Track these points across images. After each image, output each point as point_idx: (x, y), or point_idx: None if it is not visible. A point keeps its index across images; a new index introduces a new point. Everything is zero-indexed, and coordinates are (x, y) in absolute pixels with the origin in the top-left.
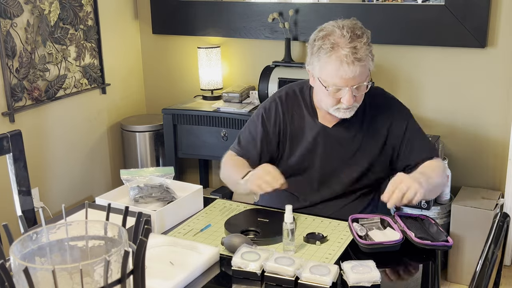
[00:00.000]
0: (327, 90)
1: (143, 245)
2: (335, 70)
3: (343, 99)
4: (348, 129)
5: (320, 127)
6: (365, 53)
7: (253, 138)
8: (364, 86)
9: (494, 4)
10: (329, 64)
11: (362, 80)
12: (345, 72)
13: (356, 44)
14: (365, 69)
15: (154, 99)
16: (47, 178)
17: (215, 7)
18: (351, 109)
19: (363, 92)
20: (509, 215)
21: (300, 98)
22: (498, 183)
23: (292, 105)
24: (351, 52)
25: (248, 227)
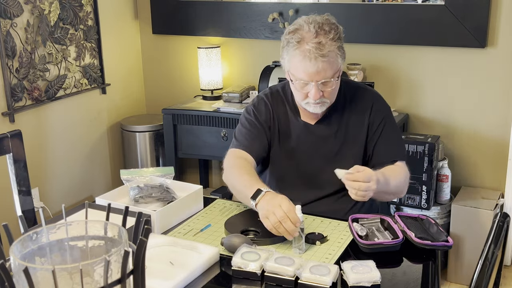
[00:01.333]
0: (294, 83)
1: (143, 245)
2: (300, 64)
3: (310, 93)
4: (330, 126)
5: (302, 125)
6: (330, 49)
7: (250, 132)
8: (331, 82)
9: (494, 4)
10: (295, 58)
11: (327, 76)
12: (308, 67)
13: (321, 40)
14: (331, 65)
15: (154, 99)
16: (47, 178)
17: (215, 7)
18: (321, 104)
19: (330, 89)
20: (509, 215)
21: (283, 96)
22: (498, 183)
23: (277, 103)
24: (315, 48)
25: (248, 227)
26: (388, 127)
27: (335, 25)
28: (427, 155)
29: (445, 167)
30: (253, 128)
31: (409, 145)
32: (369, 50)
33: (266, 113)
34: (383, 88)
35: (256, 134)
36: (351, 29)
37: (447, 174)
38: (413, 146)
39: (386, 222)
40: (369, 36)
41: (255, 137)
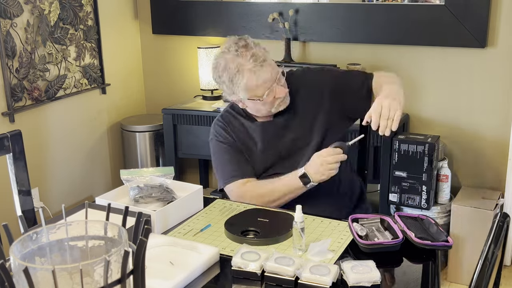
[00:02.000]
0: (262, 100)
1: (143, 245)
2: (256, 83)
3: (277, 94)
4: (284, 114)
5: (260, 125)
6: (262, 53)
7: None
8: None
9: (494, 4)
10: (249, 82)
11: (276, 72)
12: (262, 78)
13: (252, 52)
14: (272, 64)
15: (154, 99)
16: (47, 178)
17: (215, 7)
18: (286, 96)
19: (283, 80)
20: (509, 215)
21: (233, 112)
22: (498, 183)
23: (230, 121)
24: (253, 61)
25: (248, 227)
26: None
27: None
28: (427, 155)
29: (445, 167)
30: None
31: (409, 145)
32: (369, 50)
33: (226, 134)
34: None
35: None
36: (351, 29)
37: (447, 174)
38: (413, 146)
39: (386, 222)
40: (369, 36)
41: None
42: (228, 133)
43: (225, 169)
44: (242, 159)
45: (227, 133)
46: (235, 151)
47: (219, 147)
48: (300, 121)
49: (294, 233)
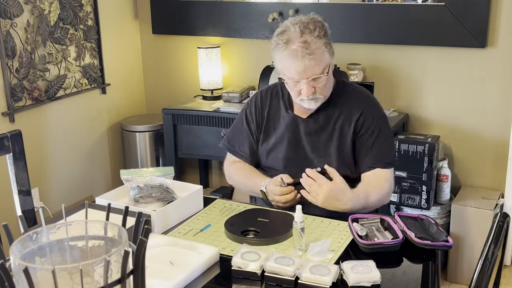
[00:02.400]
0: (287, 83)
1: (143, 245)
2: (289, 64)
3: (302, 90)
4: (317, 122)
5: (292, 117)
6: (316, 46)
7: (240, 135)
8: (321, 78)
9: (494, 4)
10: (284, 59)
11: (316, 73)
12: (296, 66)
13: (307, 38)
14: (318, 62)
15: (154, 99)
16: (47, 178)
17: (215, 7)
18: (316, 100)
19: (321, 84)
20: (509, 215)
21: (279, 91)
22: (498, 183)
23: (270, 98)
24: (301, 47)
25: (248, 227)
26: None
27: (320, 23)
28: (427, 155)
29: (445, 167)
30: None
31: (409, 145)
32: (369, 50)
33: (256, 108)
34: (383, 88)
35: (245, 135)
36: (351, 29)
37: (447, 174)
38: (413, 146)
39: (386, 222)
40: (369, 36)
41: (245, 138)
42: (258, 109)
43: (233, 136)
44: (249, 139)
45: (256, 111)
46: (249, 129)
47: (242, 116)
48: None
49: (294, 233)
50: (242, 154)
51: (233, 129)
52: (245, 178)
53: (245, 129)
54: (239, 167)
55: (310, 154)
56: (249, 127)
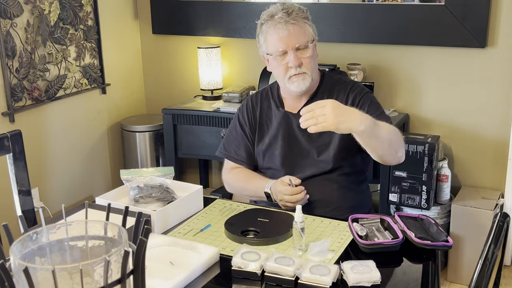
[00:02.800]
0: (274, 59)
1: (143, 245)
2: (273, 33)
3: (289, 62)
4: None
5: (283, 114)
6: (298, 16)
7: (235, 140)
8: (308, 48)
9: (494, 4)
10: (269, 32)
11: (301, 41)
12: (280, 32)
13: (288, 9)
14: (302, 30)
15: (154, 99)
16: (47, 178)
17: (215, 7)
18: (303, 77)
19: (308, 55)
20: (509, 215)
21: (269, 92)
22: (498, 183)
23: (261, 99)
24: (283, 15)
25: (248, 227)
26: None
27: (300, 6)
28: (427, 155)
29: (445, 167)
30: (238, 133)
31: (409, 145)
32: (369, 50)
33: (248, 111)
34: (383, 88)
35: (241, 139)
36: (351, 29)
37: (447, 174)
38: (413, 146)
39: (386, 222)
40: (369, 36)
41: (240, 142)
42: (249, 114)
43: (228, 142)
44: (244, 143)
45: (248, 114)
46: (243, 133)
47: (235, 122)
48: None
49: (294, 233)
50: (239, 159)
51: (228, 136)
52: (245, 182)
53: (239, 133)
54: (238, 172)
55: (306, 146)
56: (243, 130)
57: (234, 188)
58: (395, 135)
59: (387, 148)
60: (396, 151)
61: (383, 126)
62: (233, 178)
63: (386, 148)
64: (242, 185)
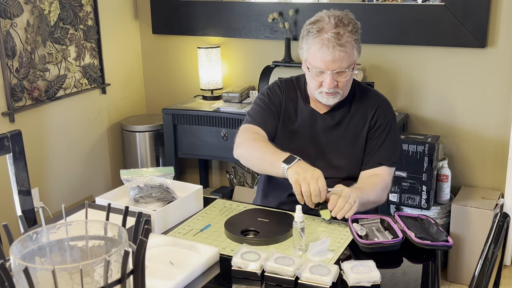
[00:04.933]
0: (310, 71)
1: (143, 245)
2: (318, 52)
3: (324, 82)
4: (334, 118)
5: (310, 111)
6: (347, 40)
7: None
8: (346, 73)
9: (494, 4)
10: (314, 46)
11: (343, 66)
12: (325, 55)
13: (340, 31)
14: (347, 56)
15: (154, 99)
16: (47, 178)
17: (215, 7)
18: (334, 95)
19: (345, 79)
20: (509, 215)
21: (295, 84)
22: (498, 183)
23: (289, 89)
24: (333, 37)
25: (248, 227)
26: (386, 132)
27: (354, 20)
28: (427, 155)
29: (445, 167)
30: (266, 107)
31: (409, 145)
32: (369, 50)
33: (279, 95)
34: (383, 88)
35: (269, 113)
36: None
37: (447, 174)
38: (413, 146)
39: (386, 222)
40: (369, 36)
41: (268, 116)
42: (278, 96)
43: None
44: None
45: (276, 96)
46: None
47: (262, 100)
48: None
49: (294, 233)
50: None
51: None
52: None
53: (267, 108)
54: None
55: (324, 148)
56: (272, 106)
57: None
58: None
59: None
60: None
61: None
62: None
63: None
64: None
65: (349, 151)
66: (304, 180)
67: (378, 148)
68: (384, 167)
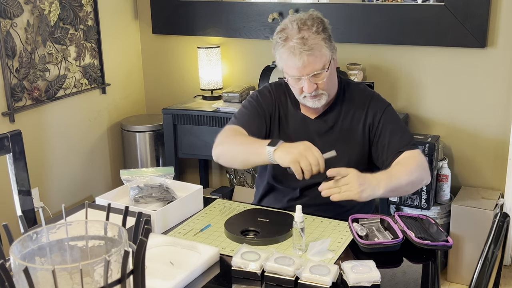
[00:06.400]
0: (288, 80)
1: (143, 245)
2: (288, 60)
3: (304, 87)
4: (327, 122)
5: (301, 117)
6: (314, 42)
7: (249, 113)
8: (322, 73)
9: (494, 4)
10: (283, 55)
11: (316, 68)
12: (295, 62)
13: (304, 34)
14: (317, 58)
15: (154, 99)
16: (47, 178)
17: (215, 7)
18: (319, 97)
19: (322, 80)
20: (509, 215)
21: (285, 88)
22: (498, 183)
23: (279, 94)
24: (298, 43)
25: (248, 227)
26: (388, 121)
27: (319, 18)
28: (427, 155)
29: (445, 167)
30: (254, 109)
31: None
32: (369, 50)
33: (269, 100)
34: (383, 88)
35: (256, 116)
36: (351, 29)
37: (447, 174)
38: None
39: (386, 222)
40: (369, 36)
41: (254, 118)
42: (267, 101)
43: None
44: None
45: (266, 101)
46: (257, 113)
47: (250, 102)
48: (335, 142)
49: (294, 233)
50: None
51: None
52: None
53: (254, 110)
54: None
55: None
56: (260, 108)
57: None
58: (416, 171)
59: (410, 189)
60: (421, 183)
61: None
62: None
63: (409, 190)
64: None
65: (347, 152)
66: (301, 155)
67: (389, 141)
68: (406, 152)
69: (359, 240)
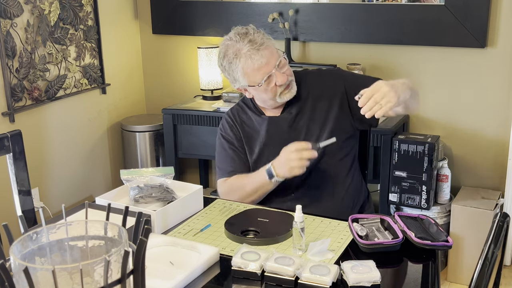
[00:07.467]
0: (261, 86)
1: (143, 245)
2: (251, 66)
3: (277, 81)
4: (291, 111)
5: (267, 119)
6: (259, 38)
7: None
8: (283, 61)
9: (494, 4)
10: (244, 67)
11: (277, 57)
12: (258, 61)
13: (249, 38)
14: (272, 49)
15: (154, 99)
16: (47, 178)
17: (215, 7)
18: (290, 85)
19: (286, 66)
20: (509, 215)
21: (243, 105)
22: (498, 183)
23: (238, 114)
24: (250, 46)
25: (248, 227)
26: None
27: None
28: (427, 155)
29: (445, 167)
30: (229, 150)
31: (409, 145)
32: (369, 50)
33: (233, 128)
34: None
35: (233, 154)
36: (351, 29)
37: (447, 174)
38: (413, 146)
39: (386, 222)
40: (369, 36)
41: (233, 158)
42: (233, 129)
43: (222, 163)
44: (237, 157)
45: (232, 129)
46: (234, 149)
47: (220, 142)
48: (308, 123)
49: (294, 233)
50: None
51: (219, 159)
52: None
53: (229, 150)
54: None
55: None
56: (233, 145)
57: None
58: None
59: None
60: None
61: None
62: (231, 182)
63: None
64: (242, 182)
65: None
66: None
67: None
68: None
69: (359, 240)
